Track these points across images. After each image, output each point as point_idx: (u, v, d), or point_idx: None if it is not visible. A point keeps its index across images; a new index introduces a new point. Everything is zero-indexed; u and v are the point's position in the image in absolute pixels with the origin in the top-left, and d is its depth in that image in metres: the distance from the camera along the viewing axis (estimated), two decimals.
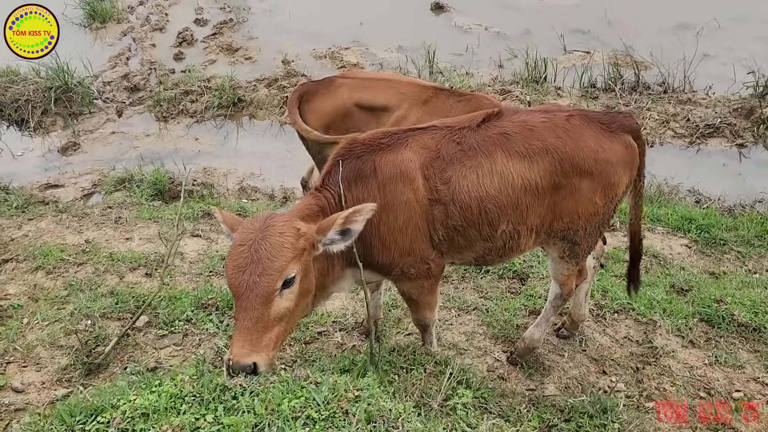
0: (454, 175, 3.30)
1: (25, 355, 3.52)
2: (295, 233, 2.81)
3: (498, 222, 3.40)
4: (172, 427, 2.16)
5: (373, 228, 3.25)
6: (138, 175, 8.16)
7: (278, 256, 2.72)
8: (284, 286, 2.78)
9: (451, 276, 4.97)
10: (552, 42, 11.11)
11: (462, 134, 3.40)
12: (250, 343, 2.67)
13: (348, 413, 2.25)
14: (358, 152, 3.30)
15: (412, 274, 3.43)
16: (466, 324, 4.42)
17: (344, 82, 5.80)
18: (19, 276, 5.15)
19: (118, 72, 10.95)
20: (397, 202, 3.24)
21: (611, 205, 3.59)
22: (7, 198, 7.19)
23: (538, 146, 3.38)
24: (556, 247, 3.70)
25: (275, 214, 2.89)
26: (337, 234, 2.96)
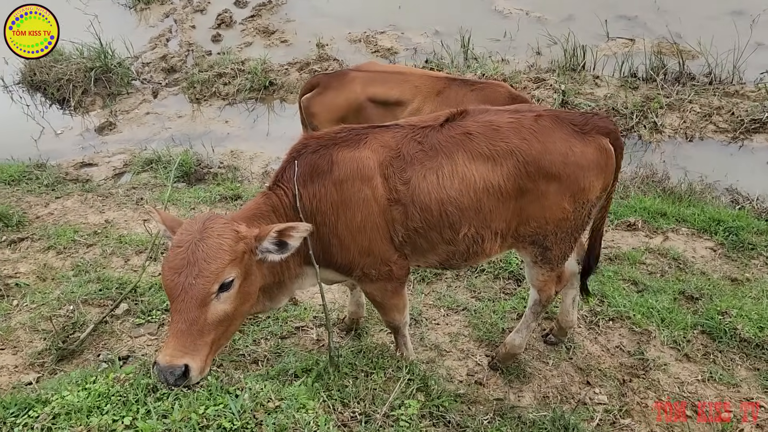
0: (414, 175, 3.19)
1: (4, 337, 3.66)
2: (234, 236, 2.76)
3: (459, 225, 3.27)
4: (88, 428, 2.20)
5: (331, 227, 3.19)
6: (165, 157, 8.33)
7: (215, 259, 2.67)
8: (221, 289, 2.73)
9: (445, 274, 4.88)
10: (594, 28, 10.69)
11: (424, 133, 3.27)
12: (183, 345, 2.59)
13: (261, 424, 2.23)
14: (313, 147, 3.22)
15: (373, 276, 3.34)
16: (452, 324, 4.34)
17: (357, 76, 5.74)
18: (32, 255, 5.34)
19: (157, 53, 11.19)
20: (355, 200, 3.15)
21: (582, 210, 3.41)
22: (39, 176, 7.45)
23: (502, 148, 3.23)
24: (527, 251, 3.56)
25: (216, 215, 2.84)
26: (273, 245, 2.91)
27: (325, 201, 3.16)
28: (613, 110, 8.98)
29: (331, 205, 3.16)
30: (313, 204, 3.17)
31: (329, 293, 4.65)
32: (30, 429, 2.28)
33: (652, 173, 7.71)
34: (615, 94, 9.29)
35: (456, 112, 3.37)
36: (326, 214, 3.18)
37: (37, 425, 2.28)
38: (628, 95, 9.14)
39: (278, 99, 10.10)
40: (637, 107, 8.97)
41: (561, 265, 3.65)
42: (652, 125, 8.80)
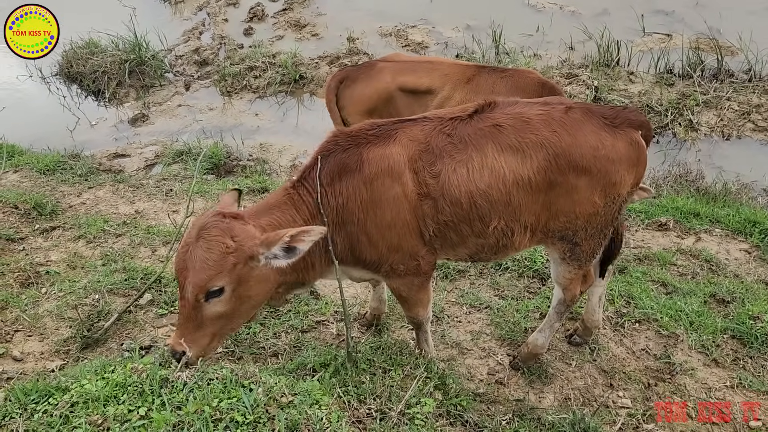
0: (444, 168, 3.15)
1: (32, 324, 3.74)
2: (222, 250, 2.79)
3: (489, 218, 3.23)
4: (104, 417, 2.23)
5: (360, 224, 3.18)
6: (196, 149, 8.42)
7: (200, 271, 2.78)
8: (210, 296, 2.84)
9: (469, 271, 4.83)
10: (630, 23, 10.48)
11: (453, 125, 3.23)
12: (183, 335, 2.82)
13: (273, 419, 2.24)
14: (344, 145, 3.21)
15: (401, 271, 3.33)
16: (474, 322, 4.29)
17: (386, 66, 5.72)
18: (63, 243, 5.46)
19: (190, 46, 11.31)
20: (385, 198, 3.14)
21: (613, 205, 3.33)
22: (73, 166, 7.59)
23: (532, 140, 3.17)
24: (555, 247, 3.49)
25: (216, 219, 2.86)
26: (282, 251, 2.90)
27: (353, 199, 3.14)
28: (647, 107, 8.79)
29: (360, 203, 3.14)
30: (340, 202, 3.16)
31: (351, 288, 4.65)
32: (49, 416, 2.33)
33: (686, 172, 7.52)
34: (650, 91, 9.09)
35: (485, 104, 3.32)
36: (354, 213, 3.15)
37: (56, 412, 2.32)
38: (663, 92, 8.94)
39: (308, 92, 10.13)
40: (672, 104, 8.77)
41: (589, 263, 3.58)
42: (687, 123, 8.59)
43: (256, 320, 3.38)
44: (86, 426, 2.19)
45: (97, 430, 2.17)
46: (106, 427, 2.19)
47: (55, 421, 2.28)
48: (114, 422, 2.21)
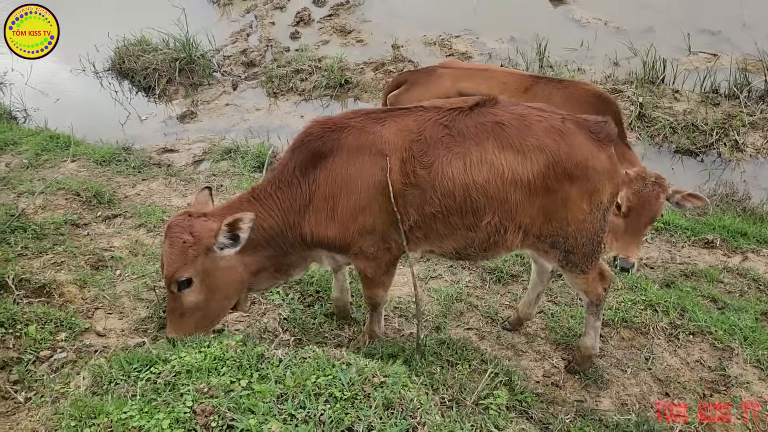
0: (437, 160, 3.20)
1: (112, 303, 3.91)
2: (181, 246, 3.11)
3: (483, 212, 3.29)
4: (209, 386, 2.36)
5: (329, 209, 3.29)
6: (244, 147, 8.61)
7: (168, 266, 3.13)
8: (182, 286, 3.17)
9: (521, 276, 4.92)
10: (675, 41, 10.48)
11: (451, 117, 3.29)
12: (171, 324, 3.23)
13: (369, 397, 2.35)
14: (318, 134, 3.32)
15: (371, 253, 3.41)
16: (528, 326, 4.37)
17: (446, 72, 5.83)
18: (124, 231, 5.65)
19: (237, 47, 11.56)
20: (363, 182, 3.22)
21: (597, 212, 3.44)
22: (127, 158, 7.82)
23: (533, 144, 3.25)
24: (549, 256, 3.58)
25: (180, 220, 3.18)
26: (226, 239, 3.18)
27: (326, 184, 3.27)
28: (692, 126, 8.80)
29: (333, 187, 3.27)
30: (313, 189, 3.30)
31: (407, 287, 4.76)
32: (153, 383, 2.46)
33: (731, 192, 7.52)
34: (695, 110, 9.09)
35: (486, 99, 3.40)
36: (327, 197, 3.28)
37: (160, 380, 2.46)
38: (708, 111, 8.94)
39: (352, 97, 10.28)
40: (717, 124, 8.76)
41: (591, 268, 3.64)
42: (732, 143, 8.57)
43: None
44: (193, 393, 2.33)
45: (202, 397, 2.31)
46: (211, 395, 2.32)
47: (161, 388, 2.41)
48: (218, 391, 2.34)
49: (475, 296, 4.61)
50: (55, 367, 3.08)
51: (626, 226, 4.35)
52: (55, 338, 3.27)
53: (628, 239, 4.33)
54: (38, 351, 3.16)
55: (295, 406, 2.24)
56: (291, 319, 3.96)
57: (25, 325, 3.22)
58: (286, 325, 3.89)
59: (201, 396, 2.30)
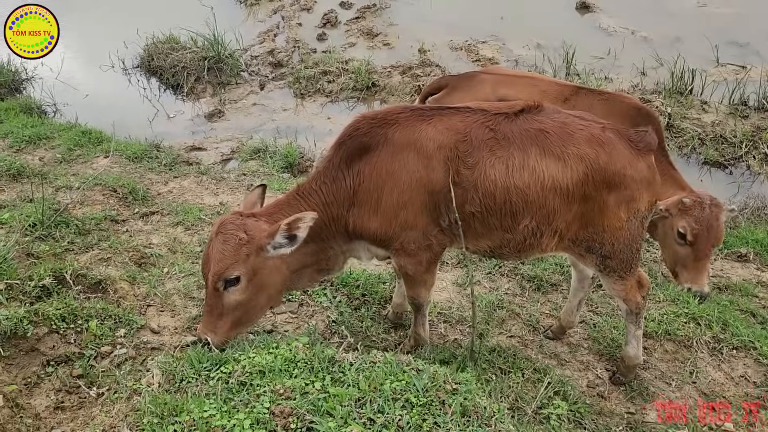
0: (481, 161, 3.28)
1: (163, 301, 3.95)
2: (236, 243, 3.13)
3: (522, 216, 3.37)
4: (285, 387, 2.38)
5: (376, 201, 3.34)
6: (272, 147, 8.66)
7: (218, 263, 3.12)
8: (228, 284, 3.15)
9: (561, 285, 4.93)
10: (703, 52, 10.46)
11: (497, 121, 3.36)
12: (207, 323, 3.18)
13: (444, 404, 2.37)
14: (365, 129, 3.37)
15: (411, 249, 3.44)
16: (571, 335, 4.38)
17: (487, 78, 5.83)
18: (162, 228, 5.69)
19: (265, 47, 11.62)
20: (407, 177, 3.28)
21: (635, 220, 3.48)
22: (158, 155, 7.88)
23: (574, 152, 3.33)
24: (586, 260, 3.63)
25: (233, 218, 3.21)
26: (284, 239, 3.20)
27: (371, 177, 3.32)
28: (720, 138, 8.78)
29: (377, 181, 3.31)
30: (357, 182, 3.34)
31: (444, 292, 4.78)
32: (225, 382, 2.49)
33: (763, 205, 7.49)
34: (723, 122, 9.06)
35: (532, 105, 3.47)
36: (371, 191, 3.33)
37: (232, 380, 2.49)
38: (737, 123, 8.91)
39: (379, 100, 10.30)
40: (746, 136, 8.73)
41: (629, 274, 3.67)
42: (762, 156, 8.53)
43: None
44: (270, 394, 2.36)
45: (279, 398, 2.33)
46: (287, 396, 2.35)
47: (235, 388, 2.44)
48: (294, 393, 2.36)
49: (516, 304, 4.62)
50: (116, 362, 3.12)
51: (693, 254, 4.40)
52: (114, 334, 3.31)
53: (697, 267, 4.39)
54: (99, 346, 3.20)
55: (374, 411, 2.27)
56: (339, 322, 3.99)
57: (85, 320, 3.26)
58: (334, 327, 3.92)
59: (277, 397, 2.32)
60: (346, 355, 2.63)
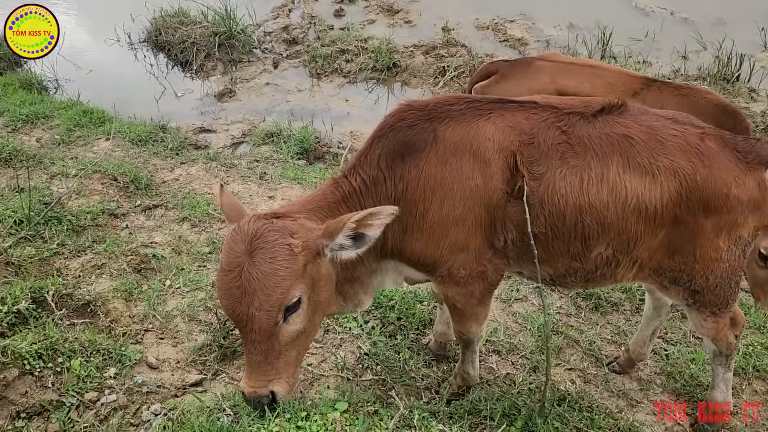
0: (550, 171, 2.66)
1: (164, 325, 3.33)
2: (290, 253, 2.33)
3: (596, 241, 2.74)
4: None
5: (419, 216, 2.70)
6: (286, 131, 8.02)
7: (274, 289, 2.30)
8: (288, 312, 2.39)
9: (623, 305, 4.29)
10: (748, 36, 9.70)
11: (571, 121, 2.72)
12: (263, 373, 2.39)
13: None
14: (411, 121, 2.70)
15: (461, 277, 2.82)
16: (640, 368, 3.75)
17: (544, 66, 5.18)
18: (166, 225, 5.11)
19: (279, 23, 10.93)
20: (460, 187, 2.65)
21: (735, 250, 2.83)
22: (164, 138, 7.29)
23: (665, 165, 2.68)
24: (670, 292, 2.99)
25: (264, 224, 2.37)
26: (348, 239, 2.47)
27: (417, 185, 2.68)
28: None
29: (425, 189, 2.68)
30: (399, 188, 2.69)
31: None
32: None
33: None
34: None
35: (613, 104, 2.81)
36: (416, 202, 2.69)
37: None
38: None
39: (400, 82, 9.64)
40: None
41: (724, 312, 3.05)
42: None
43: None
44: None
45: None
46: None
47: None
48: None
49: (572, 327, 3.99)
50: (102, 414, 2.51)
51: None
52: (102, 375, 2.69)
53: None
54: (83, 392, 2.59)
55: None
56: (372, 354, 3.36)
57: (67, 357, 2.64)
58: (366, 360, 3.30)
59: None
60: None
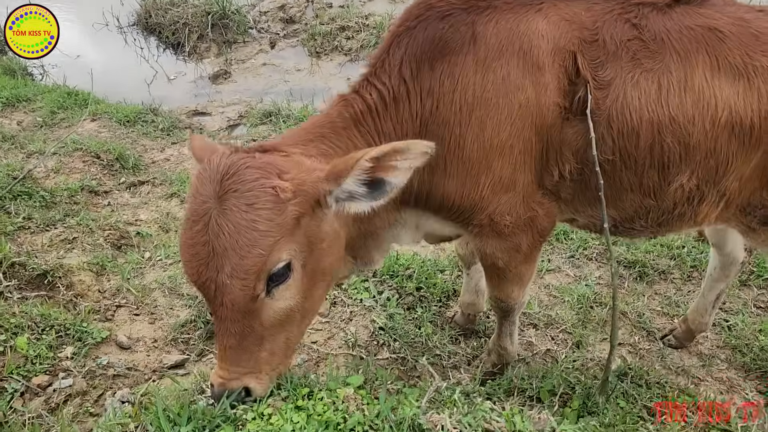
0: (619, 76, 2.08)
1: (139, 299, 2.81)
2: (273, 200, 1.70)
3: (677, 169, 2.17)
4: None
5: (454, 141, 2.08)
6: (285, 110, 7.53)
7: (249, 248, 1.66)
8: (275, 281, 1.75)
9: (672, 272, 3.75)
10: None
11: (642, 13, 2.14)
12: (237, 363, 1.75)
13: None
14: (443, 9, 2.08)
15: (506, 225, 2.22)
16: (700, 342, 3.22)
17: None
18: (153, 201, 4.60)
19: (275, 2, 10.47)
20: (505, 102, 2.04)
21: None
22: (155, 120, 6.80)
23: (763, 65, 2.09)
24: (754, 236, 2.42)
25: (242, 156, 1.76)
26: (361, 185, 1.81)
27: (450, 100, 2.08)
28: None
29: (460, 107, 2.07)
30: (427, 105, 2.08)
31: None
32: None
33: None
34: None
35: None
36: (449, 123, 2.08)
37: None
38: None
39: None
40: None
41: None
42: None
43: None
44: None
45: None
46: None
47: None
48: None
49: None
50: (54, 403, 2.00)
51: None
52: (56, 355, 2.17)
53: None
54: (30, 376, 2.07)
55: None
56: (389, 329, 2.83)
57: (12, 335, 2.13)
58: (382, 336, 2.77)
59: None
60: (438, 417, 1.48)
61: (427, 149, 1.78)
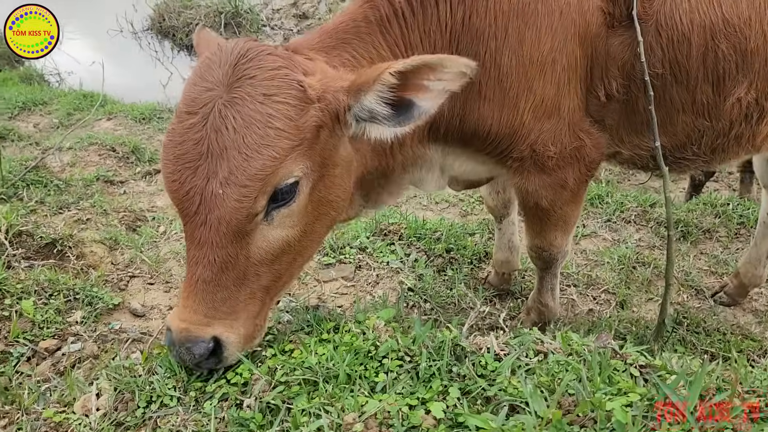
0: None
1: (154, 269, 2.67)
2: (299, 96, 1.41)
3: (733, 80, 1.93)
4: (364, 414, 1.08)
5: (489, 56, 1.80)
6: None
7: (259, 148, 1.36)
8: (275, 203, 1.44)
9: (717, 231, 3.51)
10: None
11: None
12: (208, 304, 1.40)
13: None
14: None
15: (549, 157, 1.96)
16: (754, 298, 2.98)
17: None
18: None
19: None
20: (546, 11, 1.80)
21: None
22: (170, 117, 6.72)
23: None
24: None
25: (260, 48, 1.43)
26: (384, 105, 1.49)
27: (484, 10, 1.80)
28: None
29: (495, 17, 1.80)
30: (459, 15, 1.80)
31: None
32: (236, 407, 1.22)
33: None
34: None
35: None
36: (483, 37, 1.81)
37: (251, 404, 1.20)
38: None
39: None
40: None
41: None
42: None
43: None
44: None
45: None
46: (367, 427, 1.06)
47: (256, 420, 1.16)
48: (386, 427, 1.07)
49: (659, 259, 3.23)
50: (63, 366, 1.86)
51: None
52: (65, 319, 2.04)
53: None
54: (37, 341, 1.94)
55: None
56: (418, 290, 2.65)
57: (18, 299, 2.00)
58: (411, 297, 2.59)
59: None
60: (482, 339, 1.29)
61: (467, 68, 1.49)
